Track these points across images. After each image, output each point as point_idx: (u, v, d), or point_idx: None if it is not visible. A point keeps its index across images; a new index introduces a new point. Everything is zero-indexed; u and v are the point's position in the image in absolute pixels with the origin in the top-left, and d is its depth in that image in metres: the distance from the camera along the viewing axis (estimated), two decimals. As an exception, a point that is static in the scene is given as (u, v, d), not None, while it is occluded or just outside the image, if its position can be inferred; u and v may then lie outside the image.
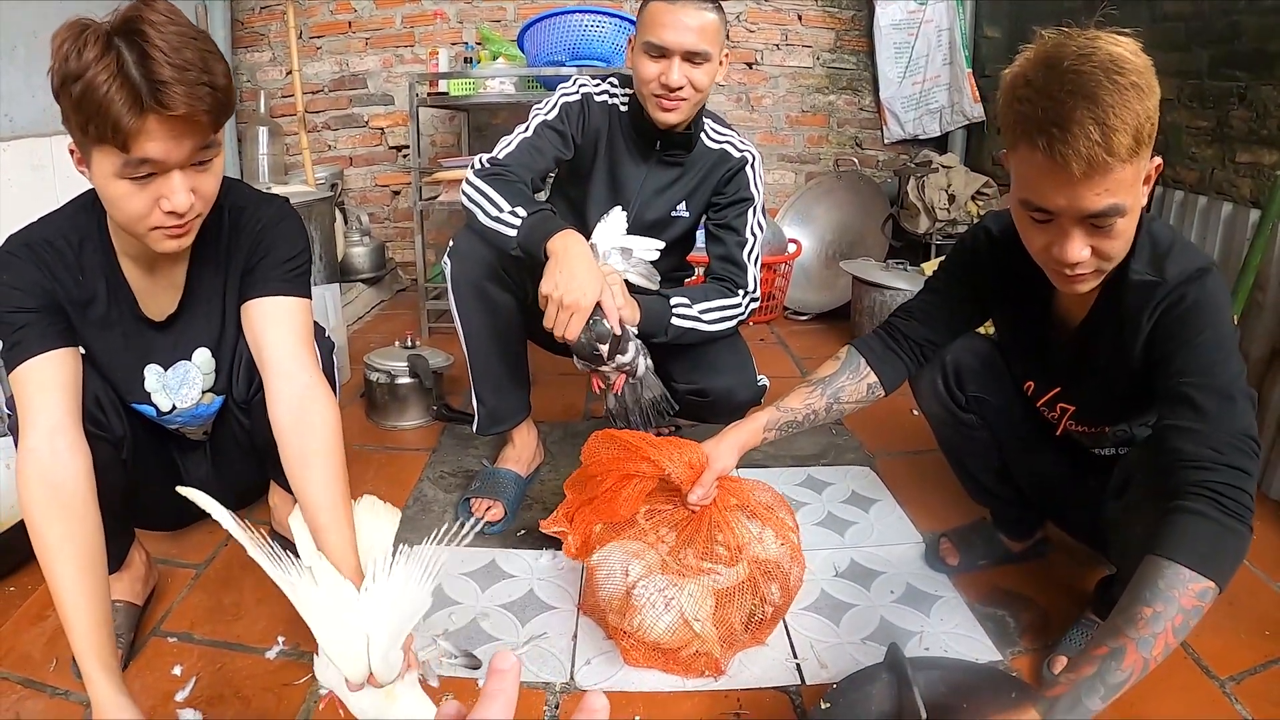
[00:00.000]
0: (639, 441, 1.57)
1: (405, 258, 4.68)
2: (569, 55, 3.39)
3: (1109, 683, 1.05)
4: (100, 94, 1.10)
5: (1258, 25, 2.44)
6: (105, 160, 1.17)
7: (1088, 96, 1.08)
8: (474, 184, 1.82)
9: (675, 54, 1.82)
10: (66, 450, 1.27)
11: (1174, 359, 1.25)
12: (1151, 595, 1.08)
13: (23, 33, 2.75)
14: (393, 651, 1.13)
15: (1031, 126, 1.14)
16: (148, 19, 1.13)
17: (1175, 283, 1.27)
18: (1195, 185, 2.75)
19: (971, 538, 1.86)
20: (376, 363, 2.63)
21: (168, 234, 1.27)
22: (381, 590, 1.16)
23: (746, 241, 2.02)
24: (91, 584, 1.25)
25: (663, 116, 1.90)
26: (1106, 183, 1.12)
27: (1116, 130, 1.08)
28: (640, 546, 1.55)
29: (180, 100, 1.13)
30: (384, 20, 4.39)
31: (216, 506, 1.14)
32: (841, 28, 4.38)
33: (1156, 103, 1.11)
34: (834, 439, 2.53)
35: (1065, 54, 1.12)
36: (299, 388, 1.37)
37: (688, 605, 1.47)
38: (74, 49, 1.11)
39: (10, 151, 2.64)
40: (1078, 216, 1.18)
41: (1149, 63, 1.13)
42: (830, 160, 4.55)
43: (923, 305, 1.65)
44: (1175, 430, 1.21)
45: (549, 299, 1.62)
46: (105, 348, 1.47)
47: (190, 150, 1.20)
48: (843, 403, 1.63)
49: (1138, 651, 1.06)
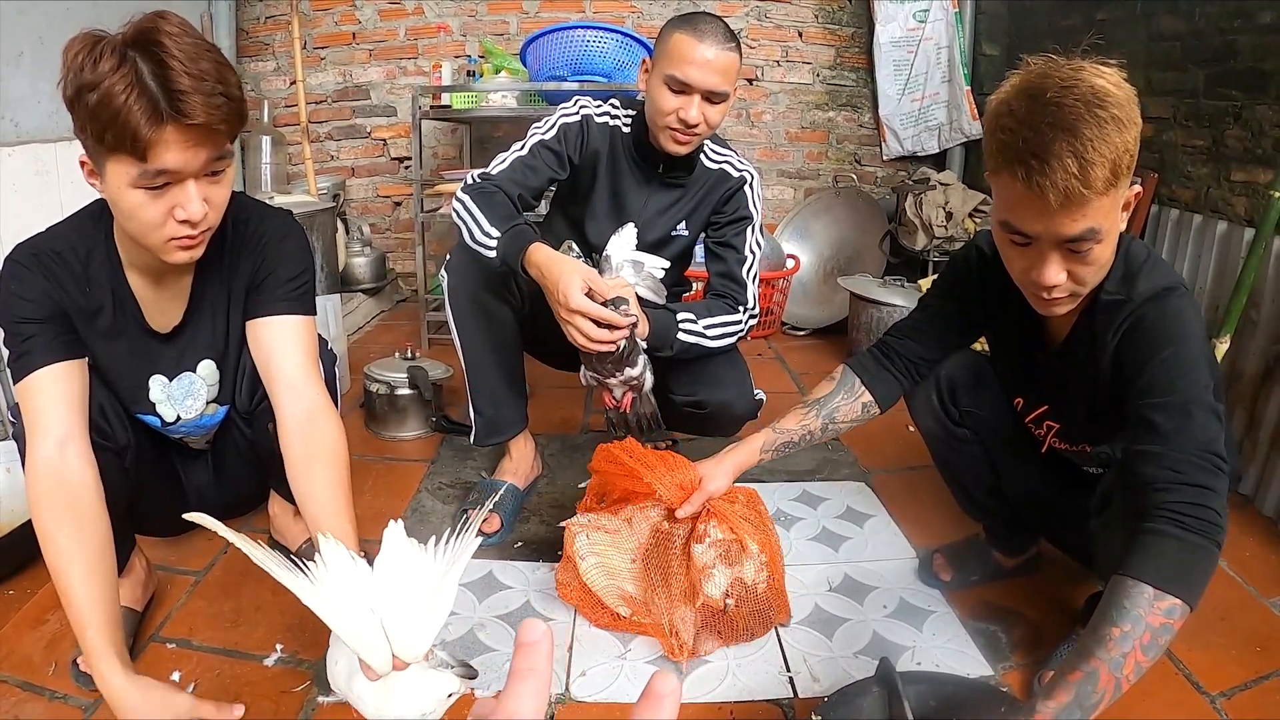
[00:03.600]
0: (635, 462, 1.65)
1: (406, 268, 4.70)
2: (571, 70, 3.41)
3: (1085, 705, 1.07)
4: (118, 103, 1.11)
5: (1253, 45, 2.46)
6: (121, 170, 1.18)
7: (1068, 129, 1.12)
8: (462, 200, 1.84)
9: (697, 91, 1.84)
10: (77, 458, 1.30)
11: (1138, 378, 1.27)
12: (1118, 615, 1.10)
13: (29, 39, 2.76)
14: (415, 629, 1.15)
15: (1012, 155, 1.17)
16: (163, 30, 1.15)
17: (1139, 301, 1.30)
18: (1191, 204, 2.77)
19: (965, 553, 1.87)
20: (376, 374, 2.64)
21: (180, 244, 1.29)
22: (392, 565, 1.17)
23: (746, 259, 2.04)
24: (101, 584, 1.27)
25: (675, 149, 1.92)
26: (1083, 211, 1.16)
27: (1094, 164, 1.11)
28: (619, 524, 1.71)
29: (199, 109, 1.15)
30: (388, 32, 4.41)
31: (220, 525, 1.15)
32: (841, 45, 4.40)
33: (1137, 134, 1.15)
34: (829, 454, 2.55)
35: (1048, 85, 1.15)
36: (306, 403, 1.41)
37: (615, 557, 1.66)
38: (89, 60, 1.12)
39: (15, 157, 2.64)
40: (1054, 241, 1.22)
41: (1132, 94, 1.16)
42: (829, 176, 4.57)
43: (915, 323, 1.68)
44: (1138, 454, 1.23)
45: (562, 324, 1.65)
46: (111, 358, 1.48)
47: (206, 160, 1.22)
48: (838, 422, 1.66)
49: (1110, 673, 1.08)
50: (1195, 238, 2.62)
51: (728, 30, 1.85)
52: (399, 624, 1.15)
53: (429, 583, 1.16)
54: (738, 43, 1.87)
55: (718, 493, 1.62)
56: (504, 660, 1.57)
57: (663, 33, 1.89)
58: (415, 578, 1.17)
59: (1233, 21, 2.53)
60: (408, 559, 1.18)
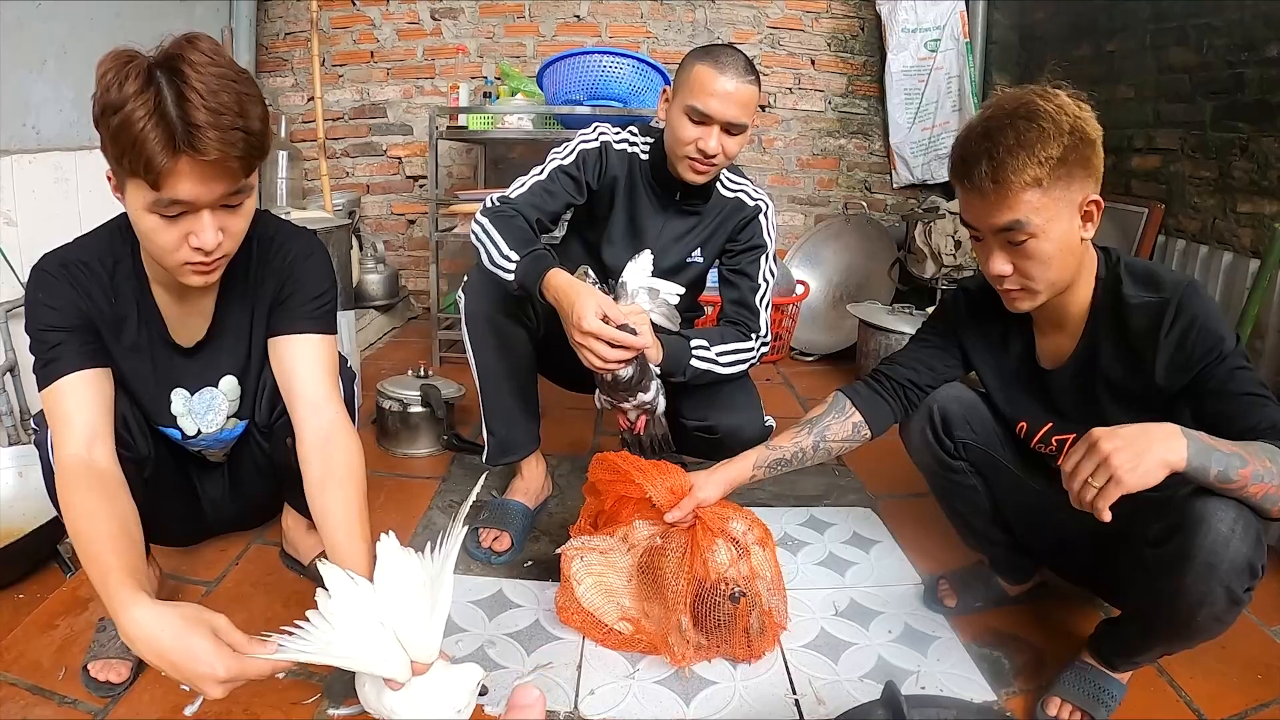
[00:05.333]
0: (628, 466, 1.70)
1: (418, 286, 4.74)
2: (587, 95, 3.44)
3: (1226, 467, 1.20)
4: (136, 130, 1.12)
5: (1260, 77, 2.49)
6: (137, 193, 1.20)
7: (988, 136, 1.34)
8: (480, 223, 1.86)
9: (717, 123, 1.87)
10: (105, 456, 1.31)
11: (1210, 372, 1.35)
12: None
13: (53, 47, 2.79)
14: (424, 631, 1.18)
15: (953, 166, 1.44)
16: (189, 58, 1.14)
17: (1178, 297, 1.39)
18: (1197, 234, 2.80)
19: (969, 580, 1.88)
20: (390, 391, 2.66)
21: (195, 269, 1.30)
22: (391, 576, 1.21)
23: (759, 287, 2.07)
24: (130, 547, 1.22)
25: (693, 178, 1.95)
26: (1007, 204, 1.35)
27: (1004, 163, 1.32)
28: (613, 542, 1.74)
29: (212, 145, 1.14)
30: (406, 51, 4.47)
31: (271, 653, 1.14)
32: (853, 73, 4.45)
33: (1072, 143, 1.32)
34: (836, 480, 2.56)
35: (995, 105, 1.39)
36: (325, 421, 1.43)
37: (612, 575, 1.71)
38: (116, 80, 1.13)
39: (36, 164, 2.65)
40: (991, 232, 1.40)
41: (1077, 109, 1.34)
42: (840, 203, 4.60)
43: (906, 353, 1.76)
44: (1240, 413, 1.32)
45: (576, 348, 1.66)
46: (134, 370, 1.50)
47: (221, 193, 1.22)
48: (829, 441, 1.70)
49: (1260, 482, 1.20)
50: (1201, 268, 2.65)
51: (748, 63, 1.88)
52: (409, 630, 1.18)
53: (427, 584, 1.21)
54: (757, 75, 1.90)
55: (707, 501, 1.65)
56: (514, 678, 1.58)
57: (684, 64, 1.92)
58: (414, 584, 1.21)
59: (1240, 54, 2.56)
60: (404, 567, 1.22)
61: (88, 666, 1.52)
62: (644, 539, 1.72)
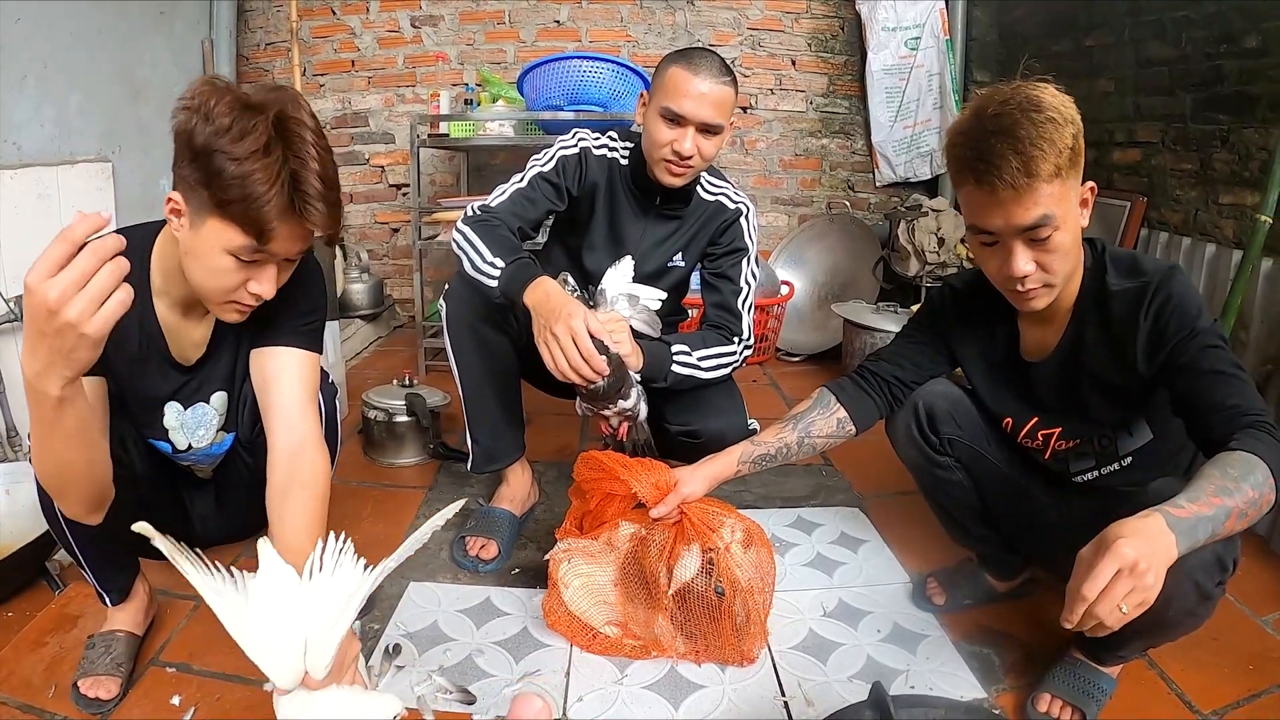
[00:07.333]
0: (613, 463, 1.70)
1: (403, 294, 4.73)
2: (567, 100, 3.44)
3: (1216, 528, 1.13)
4: (258, 190, 1.18)
5: (1239, 69, 2.50)
6: (224, 235, 1.23)
7: (1006, 132, 1.29)
8: (462, 231, 1.86)
9: (692, 124, 1.87)
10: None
11: (1182, 349, 1.35)
12: (1243, 473, 1.16)
13: (33, 63, 2.77)
14: (326, 645, 1.14)
15: (965, 166, 1.35)
16: (301, 128, 1.23)
17: (1158, 280, 1.39)
18: (1179, 227, 2.81)
19: (958, 578, 1.89)
20: (375, 401, 2.66)
21: (237, 309, 1.35)
22: (323, 580, 1.18)
23: (741, 290, 2.07)
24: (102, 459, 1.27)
25: (669, 180, 1.95)
26: (1034, 199, 1.31)
27: (1034, 156, 1.28)
28: (599, 546, 1.74)
29: (319, 218, 1.24)
30: (386, 60, 4.46)
31: (148, 528, 1.13)
32: (834, 73, 4.45)
33: (1074, 132, 1.31)
34: (824, 480, 2.57)
35: (990, 103, 1.34)
36: (298, 437, 1.44)
37: (599, 575, 1.71)
38: (235, 125, 1.17)
39: (17, 180, 2.64)
40: (1015, 232, 1.35)
41: (1067, 100, 1.33)
42: (823, 203, 4.61)
43: (892, 349, 1.76)
44: (1210, 408, 1.30)
45: (543, 343, 1.63)
46: (131, 383, 1.51)
47: (299, 250, 1.31)
48: (813, 437, 1.70)
49: (1233, 519, 1.14)
50: (1184, 260, 2.65)
51: (724, 65, 1.89)
52: (314, 639, 1.14)
53: (354, 597, 1.16)
54: (733, 77, 1.90)
55: (693, 496, 1.65)
56: (502, 686, 1.58)
57: (660, 67, 1.92)
58: (339, 593, 1.17)
59: (1219, 46, 2.57)
60: (282, 576, 1.19)
61: (77, 684, 1.52)
62: (628, 538, 1.72)
